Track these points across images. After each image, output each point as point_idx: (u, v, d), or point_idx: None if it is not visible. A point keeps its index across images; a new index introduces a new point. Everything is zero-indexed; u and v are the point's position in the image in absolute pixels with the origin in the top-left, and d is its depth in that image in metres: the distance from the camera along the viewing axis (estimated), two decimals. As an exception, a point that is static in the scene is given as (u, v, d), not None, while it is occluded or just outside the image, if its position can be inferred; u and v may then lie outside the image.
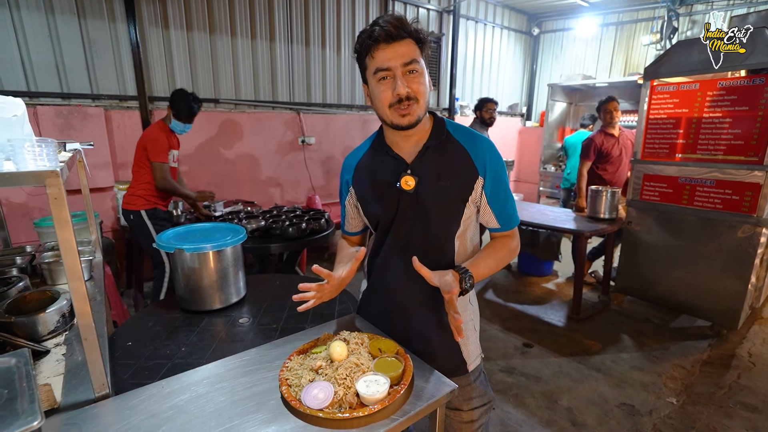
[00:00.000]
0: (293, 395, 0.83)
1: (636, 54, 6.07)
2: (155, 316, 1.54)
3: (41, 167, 0.77)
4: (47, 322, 1.10)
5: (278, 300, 1.66)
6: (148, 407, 0.83)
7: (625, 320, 3.09)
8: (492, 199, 1.02)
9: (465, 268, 0.96)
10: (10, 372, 0.73)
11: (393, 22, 0.89)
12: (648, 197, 3.00)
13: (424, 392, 0.87)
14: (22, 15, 2.90)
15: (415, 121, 0.94)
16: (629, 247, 3.16)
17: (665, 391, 2.24)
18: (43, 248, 1.73)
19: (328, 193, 4.81)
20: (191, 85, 3.73)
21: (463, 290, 0.93)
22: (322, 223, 2.83)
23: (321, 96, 4.62)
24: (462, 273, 0.94)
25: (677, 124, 2.82)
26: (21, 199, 3.10)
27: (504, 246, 1.06)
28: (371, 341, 1.00)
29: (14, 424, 0.60)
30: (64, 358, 1.03)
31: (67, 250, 0.78)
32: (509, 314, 3.21)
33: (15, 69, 2.95)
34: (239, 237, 1.60)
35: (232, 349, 1.26)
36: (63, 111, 3.10)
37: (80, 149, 1.44)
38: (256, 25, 3.99)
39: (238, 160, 4.12)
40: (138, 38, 3.34)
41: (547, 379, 2.36)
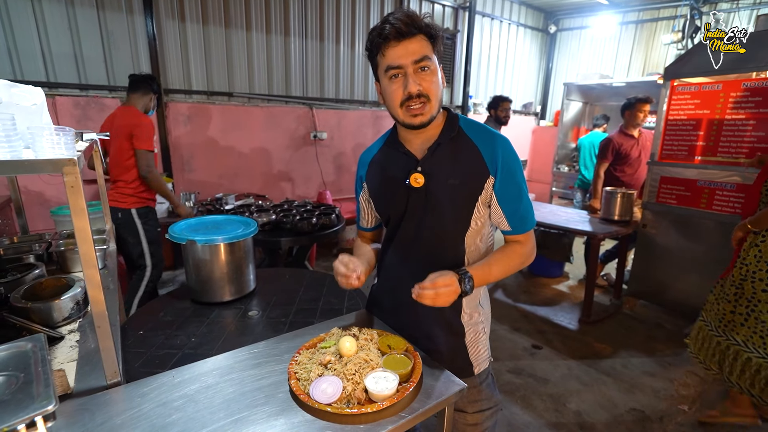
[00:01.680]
0: (302, 389, 0.82)
1: (656, 53, 5.93)
2: (166, 306, 1.56)
3: (59, 155, 0.77)
4: (62, 309, 1.12)
5: (288, 294, 1.66)
6: (158, 396, 0.84)
7: (637, 325, 3.03)
8: (502, 198, 0.97)
9: (465, 270, 0.93)
10: (27, 356, 0.75)
11: (403, 18, 0.87)
12: (665, 200, 2.94)
13: (433, 391, 0.86)
14: (43, 6, 2.96)
15: (427, 121, 0.93)
16: (644, 250, 3.10)
17: (677, 398, 2.20)
18: (60, 236, 1.76)
19: (339, 189, 4.82)
20: (206, 78, 3.77)
21: (463, 292, 0.91)
22: (333, 219, 2.83)
23: (334, 91, 4.62)
24: (462, 274, 0.92)
25: (698, 125, 2.75)
26: (39, 187, 3.16)
27: (514, 253, 1.01)
28: (381, 338, 0.99)
29: (30, 407, 0.61)
30: (78, 345, 1.05)
31: (83, 239, 0.79)
32: (519, 315, 3.18)
33: (35, 59, 3.00)
34: (250, 230, 1.61)
35: (242, 341, 1.27)
36: (80, 102, 3.16)
37: (96, 139, 1.46)
38: (271, 19, 4.00)
39: (251, 153, 4.15)
40: (155, 31, 3.38)
41: (556, 382, 2.33)
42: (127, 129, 2.37)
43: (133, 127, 2.37)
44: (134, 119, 2.40)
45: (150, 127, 2.43)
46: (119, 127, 2.39)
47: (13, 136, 0.73)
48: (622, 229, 3.01)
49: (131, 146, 2.40)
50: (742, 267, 1.83)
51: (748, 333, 1.80)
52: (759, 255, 1.78)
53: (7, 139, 0.72)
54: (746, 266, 1.82)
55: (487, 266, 0.97)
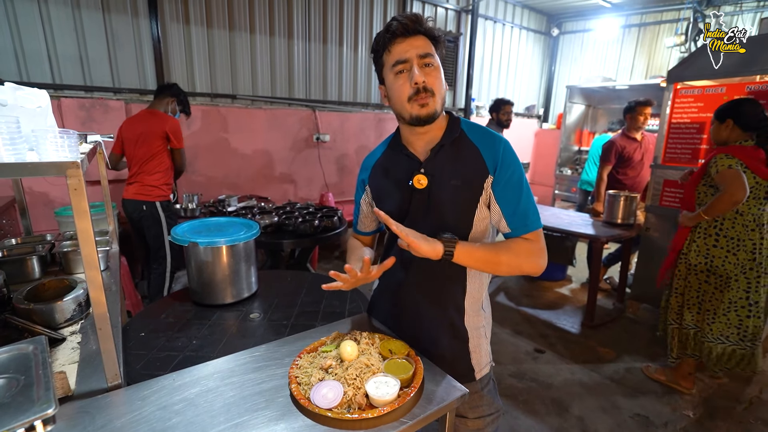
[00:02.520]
0: (302, 393, 0.82)
1: (659, 56, 5.91)
2: (168, 308, 1.56)
3: (62, 158, 0.78)
4: (64, 311, 1.12)
5: (289, 296, 1.66)
6: (158, 399, 0.84)
7: (640, 329, 3.01)
8: (501, 198, 0.95)
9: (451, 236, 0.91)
10: (28, 359, 0.75)
11: (410, 17, 0.92)
12: (668, 203, 2.92)
13: (435, 396, 0.86)
14: (50, 9, 2.98)
15: (432, 112, 0.94)
16: (647, 254, 3.08)
17: (681, 404, 2.18)
18: (63, 237, 1.76)
19: (341, 191, 4.82)
20: (209, 80, 3.78)
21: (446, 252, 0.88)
22: (335, 221, 2.84)
23: (337, 93, 4.63)
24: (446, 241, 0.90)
25: (701, 128, 2.74)
26: (43, 188, 3.18)
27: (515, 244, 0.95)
28: (382, 342, 0.99)
29: (30, 410, 0.61)
30: (79, 347, 1.05)
31: (85, 240, 0.79)
32: (521, 318, 3.16)
33: (42, 61, 3.03)
34: (252, 232, 1.61)
35: (243, 344, 1.27)
36: (85, 103, 3.17)
37: (100, 141, 1.47)
38: (275, 22, 4.01)
39: (254, 155, 4.16)
40: (159, 33, 3.40)
41: (559, 386, 2.32)
42: (161, 130, 2.64)
43: (169, 128, 2.66)
44: (168, 121, 2.67)
45: (180, 128, 2.73)
46: (151, 127, 2.64)
47: (17, 139, 0.74)
48: (624, 233, 3.00)
49: (162, 145, 2.66)
50: (686, 261, 2.19)
51: (699, 319, 2.17)
52: (697, 250, 2.13)
53: (12, 141, 0.73)
54: (689, 260, 2.17)
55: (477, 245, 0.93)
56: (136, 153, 2.66)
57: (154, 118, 2.67)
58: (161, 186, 2.71)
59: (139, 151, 2.65)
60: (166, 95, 2.74)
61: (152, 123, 2.65)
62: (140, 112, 2.74)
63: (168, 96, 2.75)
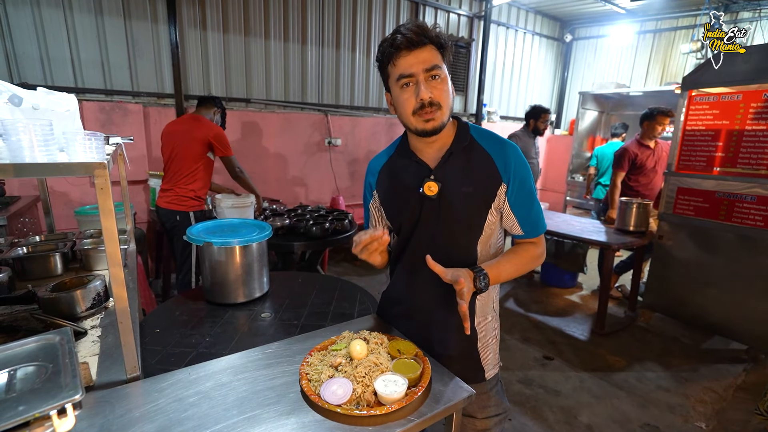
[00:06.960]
0: (313, 390, 0.85)
1: (674, 63, 5.85)
2: (182, 306, 1.60)
3: (90, 159, 0.82)
4: (84, 299, 1.18)
5: (300, 297, 1.69)
6: (174, 391, 0.87)
7: (652, 338, 2.97)
8: (515, 205, 1.00)
9: (480, 268, 0.95)
10: (55, 348, 0.79)
11: (414, 29, 0.89)
12: (682, 211, 2.88)
13: (442, 396, 0.87)
14: (74, 16, 3.10)
15: (439, 126, 0.94)
16: (659, 262, 3.04)
17: (693, 415, 2.14)
18: (83, 235, 1.83)
19: (352, 195, 4.86)
20: (224, 84, 3.87)
21: (478, 289, 0.92)
22: (346, 224, 2.87)
23: (349, 98, 4.68)
24: (477, 272, 0.93)
25: (716, 136, 2.70)
26: (64, 188, 3.28)
27: (527, 252, 1.04)
28: (391, 342, 1.01)
29: (59, 395, 0.64)
30: (99, 340, 1.09)
31: (110, 238, 0.83)
32: (530, 325, 3.14)
33: (66, 66, 3.14)
34: (265, 234, 1.65)
35: (254, 342, 1.29)
36: (105, 107, 3.27)
37: (121, 143, 1.52)
38: (289, 27, 4.09)
39: (266, 158, 4.22)
40: (177, 39, 3.49)
41: (567, 394, 2.30)
42: (203, 136, 2.58)
43: (213, 136, 2.60)
44: (212, 129, 2.62)
45: (225, 136, 2.69)
46: (193, 131, 2.59)
47: (50, 140, 0.78)
48: (637, 240, 2.97)
49: (201, 151, 2.60)
50: None
51: None
52: None
53: (45, 143, 0.77)
54: None
55: (500, 265, 0.99)
56: (174, 153, 2.60)
57: (198, 123, 2.63)
58: (198, 197, 2.65)
59: (179, 152, 2.58)
60: (211, 105, 2.75)
61: (195, 127, 2.61)
62: (184, 116, 2.77)
63: (213, 106, 2.76)
